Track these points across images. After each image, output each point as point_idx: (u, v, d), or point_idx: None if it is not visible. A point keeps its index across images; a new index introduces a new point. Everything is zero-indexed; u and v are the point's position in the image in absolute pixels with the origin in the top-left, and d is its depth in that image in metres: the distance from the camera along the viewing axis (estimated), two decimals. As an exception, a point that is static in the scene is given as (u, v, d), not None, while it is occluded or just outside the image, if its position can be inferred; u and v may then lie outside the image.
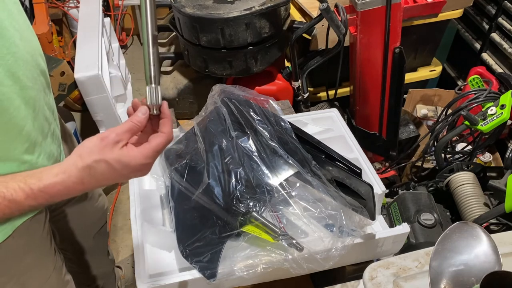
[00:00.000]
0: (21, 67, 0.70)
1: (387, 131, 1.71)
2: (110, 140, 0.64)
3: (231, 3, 1.58)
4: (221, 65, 1.64)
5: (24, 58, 0.71)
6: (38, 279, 0.84)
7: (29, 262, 0.81)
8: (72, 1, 2.53)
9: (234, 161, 0.90)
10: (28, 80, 0.71)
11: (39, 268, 0.84)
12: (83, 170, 0.64)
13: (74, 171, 0.64)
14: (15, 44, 0.69)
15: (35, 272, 0.83)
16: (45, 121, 0.78)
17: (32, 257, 0.81)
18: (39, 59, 0.77)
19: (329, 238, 0.87)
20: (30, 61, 0.73)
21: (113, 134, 0.64)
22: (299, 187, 0.92)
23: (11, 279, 0.78)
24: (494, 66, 1.91)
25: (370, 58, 1.57)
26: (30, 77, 0.72)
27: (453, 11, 1.86)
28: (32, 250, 0.81)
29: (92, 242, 1.19)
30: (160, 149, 0.67)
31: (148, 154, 0.66)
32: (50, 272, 0.86)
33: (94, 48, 1.72)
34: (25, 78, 0.71)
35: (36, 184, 0.63)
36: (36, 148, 0.75)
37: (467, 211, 1.33)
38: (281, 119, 0.96)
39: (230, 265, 0.85)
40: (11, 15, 0.70)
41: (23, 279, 0.80)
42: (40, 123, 0.76)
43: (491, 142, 1.58)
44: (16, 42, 0.69)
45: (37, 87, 0.75)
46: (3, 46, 0.66)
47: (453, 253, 0.67)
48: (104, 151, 0.64)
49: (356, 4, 1.45)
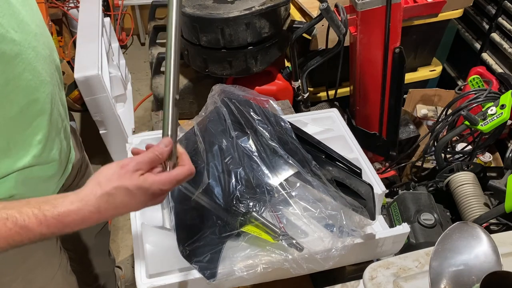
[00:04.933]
0: (41, 61, 0.71)
1: (387, 131, 1.71)
2: (130, 168, 0.63)
3: (231, 3, 1.58)
4: (221, 65, 1.64)
5: (43, 53, 0.72)
6: (44, 277, 0.85)
7: (36, 260, 0.81)
8: (72, 1, 2.53)
9: (234, 161, 0.90)
10: (46, 75, 0.73)
11: (45, 266, 0.85)
12: (101, 198, 0.62)
13: (92, 199, 0.62)
14: (35, 39, 0.70)
15: (42, 270, 0.84)
16: (59, 116, 0.79)
17: (39, 255, 0.82)
18: (54, 54, 0.78)
19: (329, 238, 0.87)
20: (48, 56, 0.75)
21: (133, 163, 0.63)
22: (299, 187, 0.92)
23: (18, 277, 0.79)
24: (494, 66, 1.91)
25: (370, 58, 1.57)
26: (48, 72, 0.73)
27: (453, 11, 1.85)
28: (39, 248, 0.82)
29: (94, 241, 1.20)
30: (181, 179, 0.65)
31: (167, 180, 0.64)
32: (55, 270, 0.87)
33: (94, 48, 1.72)
34: (44, 73, 0.72)
35: (50, 211, 0.61)
36: (48, 143, 0.76)
37: (467, 211, 1.33)
38: (281, 119, 0.96)
39: (230, 265, 0.85)
40: (32, 10, 0.72)
41: (30, 276, 0.81)
42: (55, 118, 0.77)
43: (491, 142, 1.58)
44: (37, 37, 0.71)
45: (53, 82, 0.76)
46: (25, 40, 0.67)
47: (453, 253, 0.67)
48: (124, 178, 0.62)
49: (356, 4, 1.45)
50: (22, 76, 0.66)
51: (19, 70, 0.66)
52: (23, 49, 0.66)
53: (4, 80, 0.64)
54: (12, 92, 0.66)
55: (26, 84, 0.67)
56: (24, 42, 0.67)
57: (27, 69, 0.67)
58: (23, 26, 0.67)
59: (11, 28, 0.64)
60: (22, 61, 0.66)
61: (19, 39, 0.65)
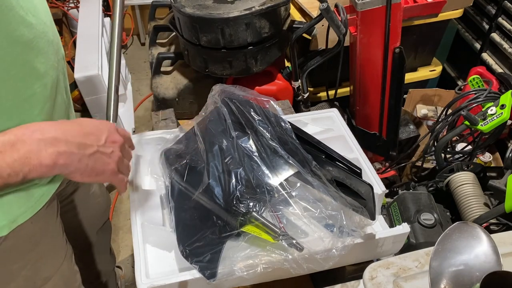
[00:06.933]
0: (50, 48, 0.72)
1: (387, 131, 1.71)
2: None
3: (231, 3, 1.58)
4: (221, 65, 1.64)
5: (53, 39, 0.74)
6: (51, 266, 0.86)
7: (44, 248, 0.83)
8: (72, 1, 2.53)
9: (234, 161, 0.90)
10: (54, 61, 0.74)
11: (52, 255, 0.86)
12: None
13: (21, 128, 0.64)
14: (46, 25, 0.72)
15: (49, 259, 0.85)
16: (63, 103, 0.81)
17: (46, 243, 0.83)
18: (60, 43, 0.80)
19: (329, 238, 0.87)
20: (56, 43, 0.76)
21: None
22: (299, 187, 0.92)
23: (27, 264, 0.80)
24: (494, 66, 1.91)
25: (370, 58, 1.57)
26: (55, 58, 0.75)
27: (453, 11, 1.85)
28: (47, 236, 0.83)
29: (96, 238, 1.21)
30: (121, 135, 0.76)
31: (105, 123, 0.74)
32: (61, 260, 0.88)
33: (94, 48, 1.72)
34: (53, 58, 0.74)
35: None
36: None
37: (467, 211, 1.33)
38: (282, 119, 0.96)
39: (230, 265, 0.85)
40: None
41: (37, 265, 0.82)
42: (59, 104, 0.79)
43: (491, 142, 1.58)
44: (47, 24, 0.72)
45: (59, 69, 0.78)
46: (39, 25, 0.69)
47: (453, 253, 0.67)
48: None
49: (356, 4, 1.45)
50: (36, 59, 0.68)
51: (34, 53, 0.68)
52: (38, 33, 0.68)
53: (21, 62, 0.65)
54: (28, 75, 0.67)
55: (39, 68, 0.69)
56: (39, 27, 0.68)
57: (40, 53, 0.69)
58: (37, 11, 0.69)
59: (29, 11, 0.66)
60: (37, 45, 0.68)
61: (35, 23, 0.67)
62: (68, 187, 1.03)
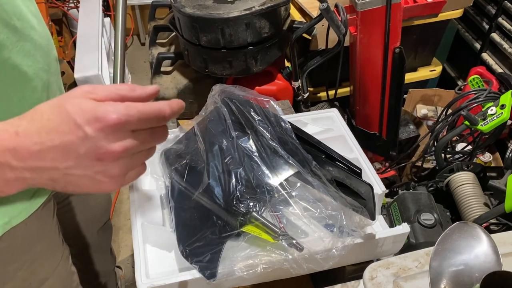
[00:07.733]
0: (38, 51, 0.72)
1: (387, 131, 1.71)
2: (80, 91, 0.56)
3: (231, 3, 1.58)
4: (221, 65, 1.64)
5: (40, 43, 0.73)
6: (47, 267, 0.86)
7: (40, 249, 0.82)
8: (72, 1, 2.53)
9: (234, 161, 0.90)
10: (44, 64, 0.73)
11: (48, 256, 0.86)
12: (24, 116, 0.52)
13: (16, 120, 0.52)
14: (33, 28, 0.71)
15: (45, 260, 0.85)
16: None
17: (43, 245, 0.83)
18: (52, 45, 0.79)
19: (329, 238, 0.87)
20: (46, 45, 0.75)
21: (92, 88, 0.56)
22: (299, 187, 0.92)
23: (23, 265, 0.80)
24: (494, 66, 1.91)
25: (370, 58, 1.57)
26: (46, 61, 0.74)
27: (453, 11, 1.86)
28: (43, 237, 0.83)
29: (96, 237, 1.21)
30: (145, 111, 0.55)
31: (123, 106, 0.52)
32: (58, 261, 0.88)
33: (94, 48, 1.72)
34: (42, 60, 0.73)
35: None
36: None
37: (467, 211, 1.33)
38: (282, 119, 0.96)
39: (230, 265, 0.85)
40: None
41: (34, 266, 0.82)
42: None
43: (491, 142, 1.58)
44: (35, 27, 0.72)
45: (51, 71, 0.77)
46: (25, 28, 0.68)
47: (453, 253, 0.67)
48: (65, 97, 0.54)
49: (356, 4, 1.45)
50: (23, 62, 0.67)
51: (21, 57, 0.67)
52: (23, 36, 0.67)
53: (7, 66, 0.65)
54: (15, 79, 0.67)
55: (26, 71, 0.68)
56: (25, 30, 0.68)
57: (27, 56, 0.68)
58: (23, 14, 0.68)
59: (14, 15, 0.65)
60: (23, 48, 0.67)
61: (20, 27, 0.67)
62: None
